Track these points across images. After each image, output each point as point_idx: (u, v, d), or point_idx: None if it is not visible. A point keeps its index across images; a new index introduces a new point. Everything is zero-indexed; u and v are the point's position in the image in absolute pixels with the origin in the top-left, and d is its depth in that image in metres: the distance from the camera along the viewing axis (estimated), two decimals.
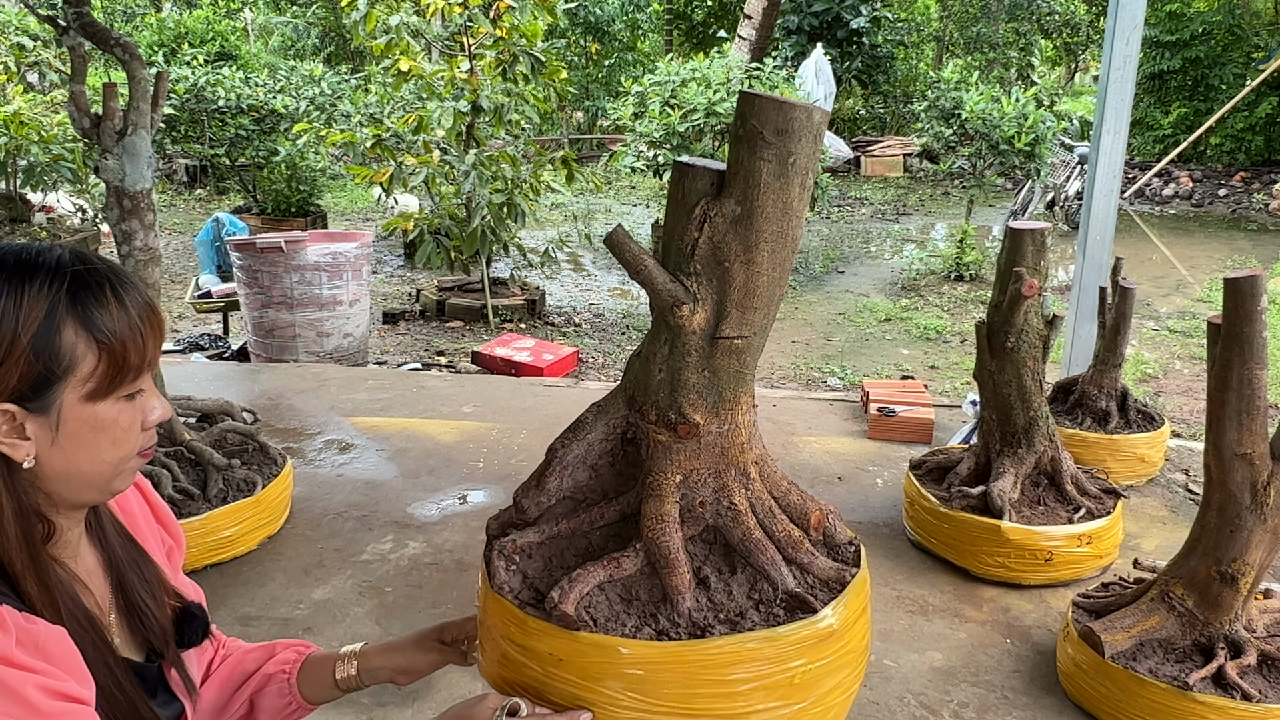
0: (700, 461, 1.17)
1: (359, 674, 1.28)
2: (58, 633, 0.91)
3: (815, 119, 1.06)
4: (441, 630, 1.31)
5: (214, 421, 3.44)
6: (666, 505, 1.15)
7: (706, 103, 8.12)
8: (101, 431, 0.94)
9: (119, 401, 0.95)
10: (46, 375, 0.89)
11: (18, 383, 0.89)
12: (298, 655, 1.29)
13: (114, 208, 3.13)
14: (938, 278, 8.55)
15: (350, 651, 1.29)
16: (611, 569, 1.13)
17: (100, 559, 1.06)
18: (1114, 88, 3.99)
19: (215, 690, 1.26)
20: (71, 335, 0.90)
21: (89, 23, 3.17)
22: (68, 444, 0.93)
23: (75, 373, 0.91)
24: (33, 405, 0.90)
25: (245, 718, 1.28)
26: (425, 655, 1.29)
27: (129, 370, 0.94)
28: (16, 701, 0.84)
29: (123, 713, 0.98)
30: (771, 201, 1.08)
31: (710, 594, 1.15)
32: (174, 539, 1.21)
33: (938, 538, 3.11)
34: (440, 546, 3.22)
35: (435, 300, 7.13)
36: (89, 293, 0.91)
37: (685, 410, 1.14)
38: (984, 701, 2.47)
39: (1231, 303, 2.15)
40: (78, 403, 0.92)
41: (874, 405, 4.25)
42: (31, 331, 0.88)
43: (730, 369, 1.15)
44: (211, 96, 10.92)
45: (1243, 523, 2.24)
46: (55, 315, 0.89)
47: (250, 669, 1.28)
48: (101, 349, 0.91)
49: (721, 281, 1.11)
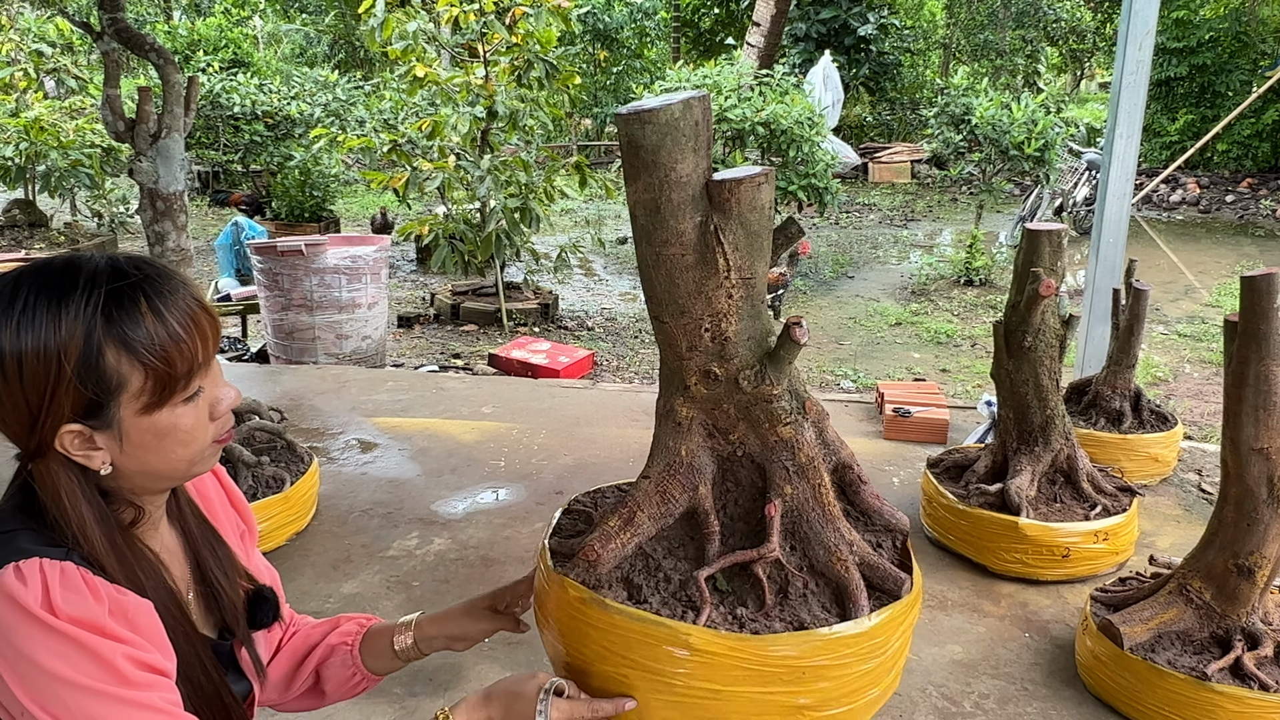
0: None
1: (415, 643, 1.32)
2: (145, 606, 0.95)
3: (670, 115, 1.13)
4: (494, 597, 1.35)
5: (242, 420, 3.50)
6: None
7: (717, 109, 8.18)
8: (166, 436, 0.96)
9: (176, 407, 0.96)
10: (97, 399, 0.91)
11: (73, 407, 0.91)
12: (359, 627, 1.34)
13: (147, 209, 3.20)
14: (947, 282, 8.59)
15: (406, 622, 1.34)
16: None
17: (179, 539, 1.11)
18: (1126, 92, 4.04)
19: (284, 663, 1.31)
20: (113, 358, 0.90)
21: (123, 28, 3.24)
22: (136, 451, 0.96)
23: (125, 390, 0.92)
24: (94, 423, 0.93)
25: (312, 689, 1.33)
26: (477, 623, 1.34)
27: (178, 380, 0.94)
28: (107, 669, 0.88)
29: (200, 686, 1.02)
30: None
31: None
32: (247, 524, 1.26)
33: (956, 535, 3.16)
34: (465, 543, 3.28)
35: (450, 304, 7.19)
36: (123, 311, 0.91)
37: None
38: (1004, 693, 2.51)
39: (1249, 300, 2.20)
40: (135, 416, 0.94)
41: (889, 406, 4.29)
42: (74, 360, 0.89)
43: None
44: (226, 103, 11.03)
45: (1259, 516, 2.28)
46: (93, 340, 0.89)
47: (315, 641, 1.33)
48: (145, 367, 0.92)
49: None
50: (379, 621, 1.36)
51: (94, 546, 0.94)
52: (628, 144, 1.14)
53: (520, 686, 1.14)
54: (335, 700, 1.34)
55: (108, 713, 0.87)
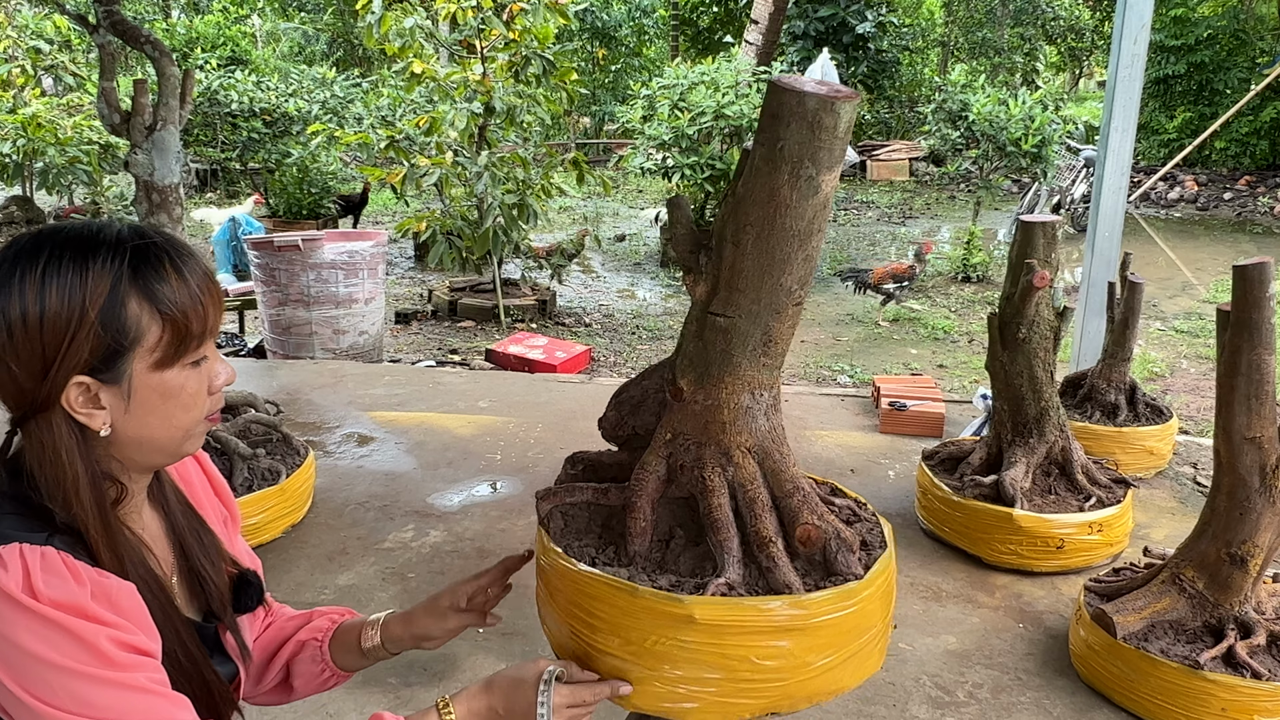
0: (686, 427, 1.22)
1: (383, 643, 1.30)
2: (128, 588, 0.95)
3: (808, 105, 1.02)
4: (454, 594, 1.32)
5: (238, 413, 3.50)
6: (652, 456, 1.21)
7: (715, 105, 8.19)
8: (171, 398, 0.98)
9: (185, 369, 0.99)
10: (115, 347, 0.93)
11: (89, 355, 0.93)
12: (331, 623, 1.32)
13: (143, 202, 3.20)
14: (945, 279, 8.60)
15: (375, 620, 1.31)
16: (599, 495, 1.23)
17: (162, 524, 1.11)
18: (1122, 86, 4.05)
19: (256, 656, 1.29)
20: (136, 308, 0.93)
21: (119, 21, 3.24)
22: (140, 411, 0.97)
23: (142, 343, 0.95)
24: (105, 376, 0.94)
25: (282, 684, 1.31)
26: (441, 622, 1.31)
27: (192, 338, 0.98)
28: (91, 652, 0.88)
29: (185, 668, 1.02)
30: (760, 185, 1.07)
31: (665, 552, 1.20)
32: (229, 511, 1.26)
33: (950, 526, 3.16)
34: (461, 535, 3.28)
35: (447, 300, 7.19)
36: (149, 266, 0.95)
37: (677, 372, 1.21)
38: (998, 683, 2.52)
39: (1241, 289, 2.20)
40: (146, 371, 0.96)
41: (885, 400, 4.30)
42: (99, 306, 0.92)
43: (716, 346, 1.18)
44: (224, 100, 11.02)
45: (1252, 505, 2.29)
46: (119, 289, 0.93)
47: (287, 635, 1.31)
48: (165, 319, 0.95)
49: (719, 260, 1.14)
50: (351, 616, 1.34)
51: (82, 508, 0.94)
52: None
53: (521, 673, 1.13)
54: (304, 695, 1.32)
55: (93, 695, 0.87)
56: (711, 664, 1.11)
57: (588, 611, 1.15)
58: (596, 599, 1.14)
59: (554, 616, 1.22)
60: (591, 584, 1.14)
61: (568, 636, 1.20)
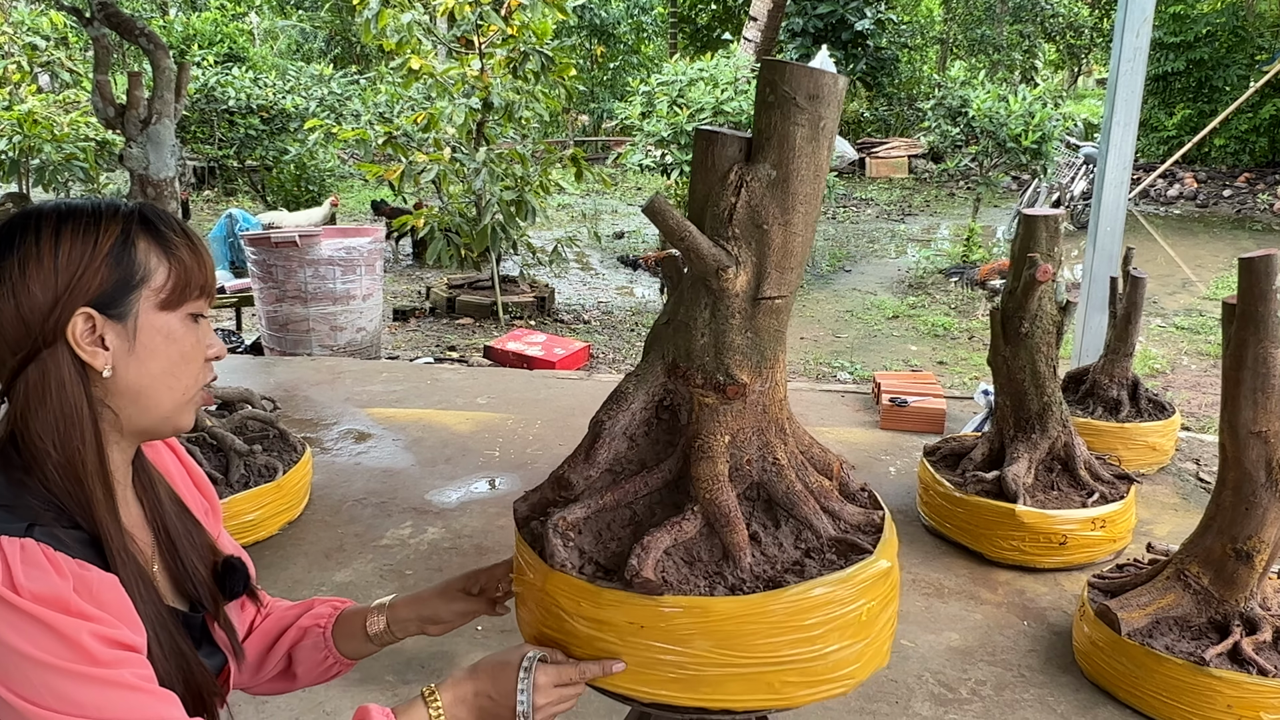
0: (745, 421, 1.19)
1: (388, 626, 1.29)
2: (110, 580, 0.92)
3: (840, 86, 1.11)
4: (469, 580, 1.31)
5: (234, 409, 3.48)
6: (719, 466, 1.17)
7: (714, 101, 8.17)
8: (174, 343, 1.00)
9: (186, 320, 1.02)
10: (124, 281, 0.97)
11: (99, 286, 0.95)
12: (333, 610, 1.31)
13: (137, 196, 3.17)
14: (944, 276, 8.58)
15: (380, 604, 1.31)
16: (675, 533, 1.15)
17: (144, 512, 1.09)
18: (1124, 81, 4.02)
19: (256, 645, 1.28)
20: (145, 248, 0.98)
21: (113, 13, 3.21)
22: (143, 353, 0.98)
23: (150, 282, 0.98)
24: (112, 312, 0.96)
25: (284, 671, 1.29)
26: (450, 605, 1.30)
27: (195, 287, 1.02)
28: (74, 648, 0.86)
29: (171, 660, 1.00)
30: (805, 164, 1.11)
31: (763, 548, 1.18)
32: (210, 502, 1.24)
33: (952, 522, 3.14)
34: (459, 532, 3.26)
35: (445, 297, 7.17)
36: (158, 219, 1.02)
37: (733, 371, 1.17)
38: (1001, 680, 2.49)
39: (1246, 282, 2.18)
40: (152, 310, 0.99)
41: (886, 396, 4.28)
42: (110, 242, 0.97)
43: (771, 328, 1.18)
44: (221, 97, 10.98)
45: (1258, 500, 2.27)
46: (130, 231, 0.98)
47: (288, 623, 1.30)
48: (172, 262, 1.00)
49: (760, 244, 1.14)
50: (353, 604, 1.33)
51: (83, 442, 0.95)
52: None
53: (505, 656, 1.13)
54: (307, 684, 1.31)
55: (77, 692, 0.85)
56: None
57: None
58: None
59: None
60: None
61: None
